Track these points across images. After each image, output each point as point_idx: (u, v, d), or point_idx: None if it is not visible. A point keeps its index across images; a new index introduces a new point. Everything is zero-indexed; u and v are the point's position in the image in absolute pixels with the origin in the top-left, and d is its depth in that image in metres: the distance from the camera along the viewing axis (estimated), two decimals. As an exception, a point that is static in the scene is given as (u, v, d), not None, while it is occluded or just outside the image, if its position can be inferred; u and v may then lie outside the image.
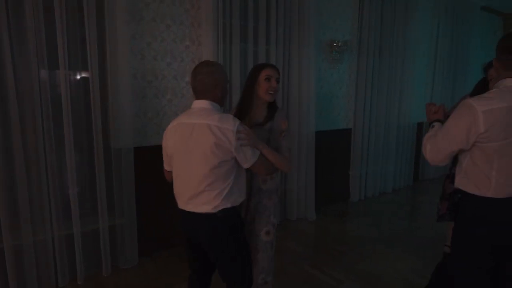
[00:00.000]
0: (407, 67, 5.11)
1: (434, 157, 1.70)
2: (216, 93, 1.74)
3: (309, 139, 4.03)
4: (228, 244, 1.75)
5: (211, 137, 1.62)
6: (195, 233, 1.78)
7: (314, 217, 4.17)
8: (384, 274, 2.97)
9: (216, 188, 1.67)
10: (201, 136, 1.64)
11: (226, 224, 1.72)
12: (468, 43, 6.24)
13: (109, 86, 2.84)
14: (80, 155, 2.90)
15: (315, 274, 2.96)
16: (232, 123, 1.65)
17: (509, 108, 1.50)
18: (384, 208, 4.67)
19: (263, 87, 1.96)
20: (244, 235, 1.85)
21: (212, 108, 1.72)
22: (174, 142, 1.74)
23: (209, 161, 1.64)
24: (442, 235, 3.60)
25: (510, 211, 1.60)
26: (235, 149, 1.64)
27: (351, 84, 4.62)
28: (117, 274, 2.93)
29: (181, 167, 1.73)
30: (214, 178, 1.66)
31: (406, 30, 5.00)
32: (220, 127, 1.63)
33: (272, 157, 1.78)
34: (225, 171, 1.67)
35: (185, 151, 1.69)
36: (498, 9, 6.85)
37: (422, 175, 5.98)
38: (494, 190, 1.58)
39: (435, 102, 6.52)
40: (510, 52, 1.57)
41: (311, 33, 3.87)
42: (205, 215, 1.70)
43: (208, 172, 1.65)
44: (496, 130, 1.50)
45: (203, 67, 1.73)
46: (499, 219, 1.61)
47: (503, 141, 1.51)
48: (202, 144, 1.64)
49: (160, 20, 3.04)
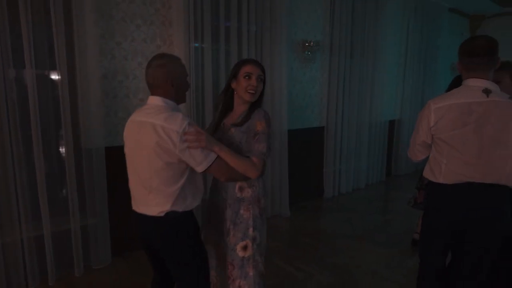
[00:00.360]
0: (378, 66, 5.27)
1: (411, 151, 1.99)
2: (167, 88, 1.62)
3: (282, 138, 4.11)
4: (177, 249, 1.66)
5: (154, 138, 1.53)
6: (146, 236, 1.72)
7: (289, 214, 4.25)
8: (355, 268, 3.07)
9: (163, 191, 1.59)
10: (146, 136, 1.56)
11: (174, 228, 1.63)
12: (437, 43, 6.47)
13: (78, 86, 2.83)
14: (49, 155, 2.88)
15: (285, 268, 3.03)
16: (178, 124, 1.53)
17: (458, 104, 1.72)
18: (357, 203, 4.81)
19: (242, 85, 1.80)
20: (198, 241, 1.75)
21: (164, 105, 1.61)
22: (125, 140, 1.69)
23: (153, 163, 1.56)
24: (413, 229, 3.78)
25: (455, 196, 1.78)
26: (180, 152, 1.53)
27: (323, 83, 4.73)
28: (89, 274, 2.93)
29: (130, 168, 1.68)
30: (160, 181, 1.58)
31: (376, 30, 5.15)
32: (165, 127, 1.53)
33: (232, 161, 1.64)
34: (173, 174, 1.58)
35: (133, 150, 1.64)
36: (465, 11, 7.13)
37: (394, 171, 6.18)
38: (444, 176, 1.79)
39: (406, 100, 6.70)
40: (469, 56, 1.75)
41: (283, 33, 3.95)
42: (154, 218, 1.62)
43: (153, 174, 1.57)
44: (443, 123, 1.74)
45: (153, 60, 1.64)
46: (446, 204, 1.81)
47: (450, 132, 1.74)
48: (146, 144, 1.56)
49: (130, 20, 3.05)
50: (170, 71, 1.62)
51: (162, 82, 1.62)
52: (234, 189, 1.84)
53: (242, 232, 1.82)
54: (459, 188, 1.76)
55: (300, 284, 2.81)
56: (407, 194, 5.16)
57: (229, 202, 1.85)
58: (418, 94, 6.28)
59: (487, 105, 1.68)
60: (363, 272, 3.00)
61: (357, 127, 5.20)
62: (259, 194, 1.86)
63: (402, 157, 6.16)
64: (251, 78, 1.80)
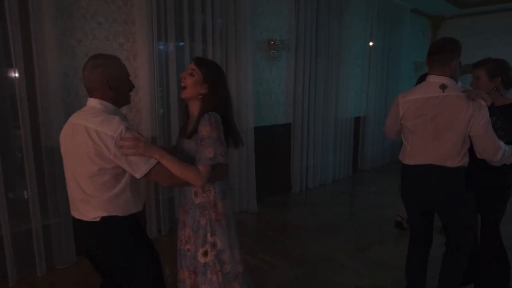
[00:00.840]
0: (342, 64, 5.43)
1: (386, 129, 2.35)
2: (105, 90, 1.55)
3: (249, 135, 4.19)
4: (117, 256, 1.61)
5: (88, 142, 1.47)
6: (82, 242, 1.67)
7: (256, 209, 4.34)
8: (319, 259, 3.19)
9: (97, 196, 1.53)
10: (79, 139, 1.50)
11: (110, 234, 1.58)
12: (400, 43, 6.72)
13: (37, 84, 2.79)
14: (8, 154, 2.83)
15: (249, 261, 3.11)
16: (114, 128, 1.47)
17: (420, 98, 2.06)
18: (324, 198, 4.96)
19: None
20: (141, 246, 1.69)
21: (101, 108, 1.55)
22: (61, 142, 1.63)
23: (87, 168, 1.51)
24: (377, 220, 3.99)
25: (415, 174, 2.13)
26: (115, 157, 1.48)
27: (289, 81, 4.84)
28: (52, 273, 2.90)
29: (66, 170, 1.62)
30: (95, 186, 1.53)
31: (340, 29, 5.31)
32: (99, 131, 1.47)
33: (174, 169, 1.57)
34: (108, 180, 1.53)
35: (68, 153, 1.59)
36: (426, 12, 7.45)
37: (361, 166, 6.38)
38: (408, 158, 2.16)
39: (371, 97, 6.94)
40: (428, 54, 2.07)
41: (248, 32, 4.02)
42: (89, 224, 1.57)
43: (87, 179, 1.52)
44: (409, 113, 2.10)
45: (88, 62, 1.56)
46: (409, 181, 2.19)
47: (413, 120, 2.08)
48: (79, 148, 1.50)
49: (91, 17, 3.04)
50: (106, 72, 1.54)
51: (98, 84, 1.54)
52: (191, 194, 1.80)
53: (201, 238, 1.78)
54: (419, 169, 2.10)
55: (264, 275, 2.90)
56: (373, 188, 5.40)
57: (187, 208, 1.82)
58: (383, 91, 6.52)
59: (443, 99, 1.98)
60: (326, 263, 3.12)
61: (324, 124, 5.35)
62: (215, 199, 1.79)
63: (368, 153, 6.39)
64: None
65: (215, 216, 1.79)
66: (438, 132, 2.00)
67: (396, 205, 4.21)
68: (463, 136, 1.95)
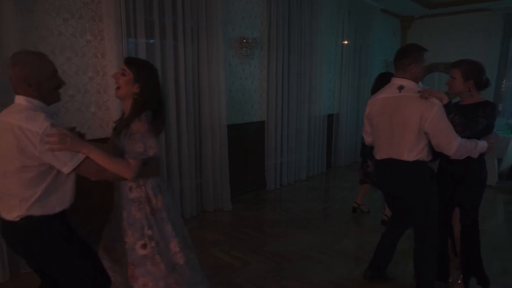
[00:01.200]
0: (315, 63, 5.50)
1: (364, 132, 2.59)
2: (24, 88, 1.52)
3: (222, 132, 4.18)
4: (45, 255, 1.60)
5: (10, 138, 1.46)
6: (8, 242, 1.65)
7: (231, 207, 4.34)
8: (291, 253, 3.23)
9: (19, 194, 1.51)
10: (2, 136, 1.49)
11: (33, 233, 1.56)
12: (371, 42, 6.86)
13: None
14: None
15: (222, 258, 3.12)
16: (38, 124, 1.46)
17: (381, 98, 2.31)
18: (298, 194, 5.02)
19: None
20: (71, 244, 1.67)
21: (27, 105, 1.52)
22: None
23: (9, 164, 1.49)
24: (349, 214, 4.15)
25: (380, 167, 2.41)
26: (41, 153, 1.47)
27: (262, 78, 4.86)
28: (16, 278, 2.80)
29: None
30: (17, 184, 1.51)
31: (312, 28, 5.37)
32: (23, 127, 1.45)
33: (104, 163, 1.60)
34: (32, 177, 1.51)
35: None
36: (396, 12, 7.64)
37: (334, 162, 6.50)
38: (376, 153, 2.41)
39: (343, 95, 7.10)
40: (394, 60, 2.28)
41: (219, 29, 4.00)
42: (12, 223, 1.55)
43: (9, 175, 1.50)
44: (373, 111, 2.36)
45: (10, 59, 1.53)
46: (378, 173, 2.49)
47: (376, 118, 2.33)
48: (2, 144, 1.49)
49: (55, 13, 2.95)
50: (24, 70, 1.51)
51: (17, 82, 1.52)
52: (125, 189, 1.87)
53: (138, 231, 1.86)
54: (383, 162, 2.34)
55: (237, 272, 2.91)
56: (346, 184, 5.51)
57: (122, 203, 1.89)
58: (354, 90, 6.65)
59: (399, 99, 2.20)
60: (298, 257, 3.16)
61: (297, 121, 5.41)
62: (149, 194, 1.88)
63: (341, 150, 6.51)
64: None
65: (150, 211, 1.88)
66: (394, 129, 2.22)
67: (367, 200, 4.32)
68: (416, 132, 2.14)
